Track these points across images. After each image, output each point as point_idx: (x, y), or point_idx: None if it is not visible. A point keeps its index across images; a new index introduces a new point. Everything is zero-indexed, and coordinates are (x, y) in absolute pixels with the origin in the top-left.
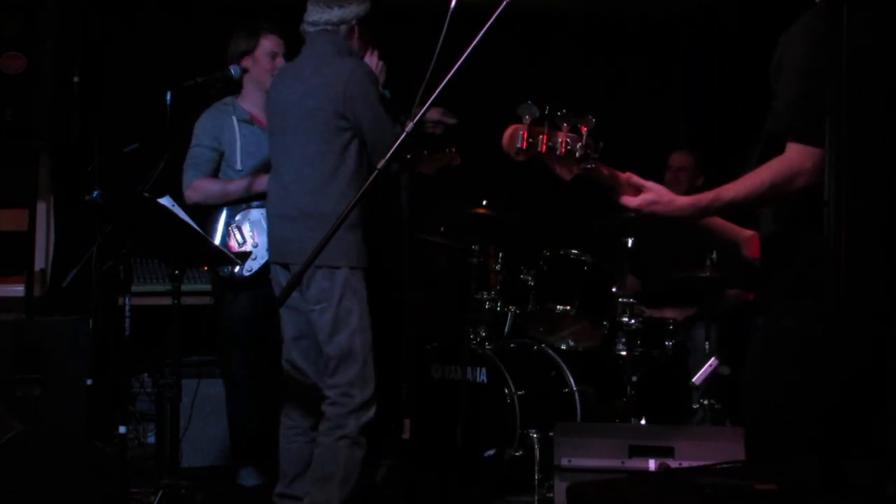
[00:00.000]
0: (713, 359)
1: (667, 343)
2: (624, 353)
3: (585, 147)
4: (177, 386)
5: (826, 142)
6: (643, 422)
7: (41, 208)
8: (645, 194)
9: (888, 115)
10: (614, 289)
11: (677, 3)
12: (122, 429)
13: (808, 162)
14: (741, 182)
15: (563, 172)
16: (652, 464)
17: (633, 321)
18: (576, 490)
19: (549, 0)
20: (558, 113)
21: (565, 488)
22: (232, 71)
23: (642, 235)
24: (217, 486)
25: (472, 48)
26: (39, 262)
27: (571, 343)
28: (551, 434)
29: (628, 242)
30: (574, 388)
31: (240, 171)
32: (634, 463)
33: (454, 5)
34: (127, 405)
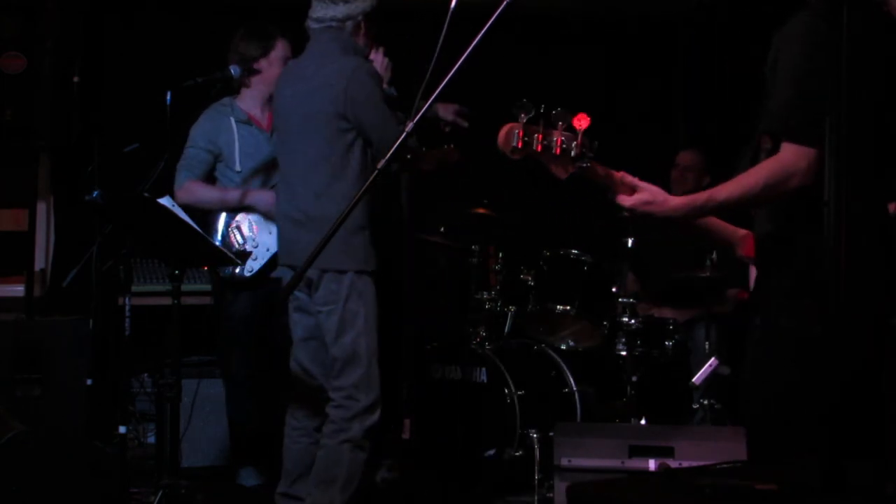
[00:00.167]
0: (713, 359)
1: (667, 343)
2: (624, 353)
3: (581, 146)
4: (177, 386)
5: (826, 142)
6: (643, 422)
7: (41, 208)
8: (639, 194)
9: (888, 115)
10: (614, 289)
11: (677, 3)
12: (122, 429)
13: (803, 162)
14: (735, 182)
15: (559, 171)
16: (652, 464)
17: (633, 321)
18: (576, 490)
19: (549, 0)
20: (553, 112)
21: (565, 488)
22: (232, 71)
23: (642, 235)
24: (217, 486)
25: (472, 48)
26: (39, 262)
27: (571, 343)
28: (551, 434)
29: (628, 242)
30: (574, 388)
31: (239, 172)
32: (634, 463)
33: (454, 5)
34: (127, 405)
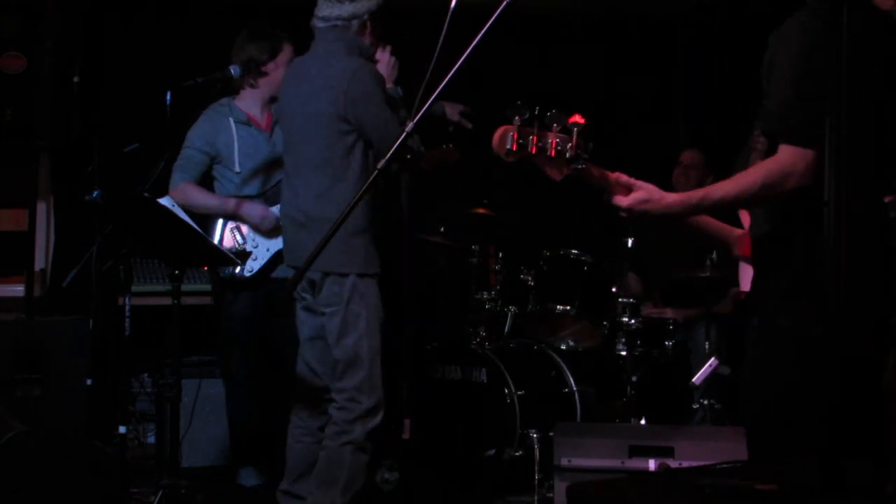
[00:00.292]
0: (713, 359)
1: (667, 343)
2: (624, 353)
3: (576, 148)
4: (177, 386)
5: (826, 142)
6: (643, 422)
7: (41, 208)
8: (636, 193)
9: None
10: (614, 289)
11: (677, 3)
12: (122, 429)
13: (801, 164)
14: (732, 181)
15: (554, 173)
16: (652, 464)
17: (633, 321)
18: (576, 490)
19: (549, 0)
20: (548, 113)
21: (565, 488)
22: (232, 71)
23: (642, 235)
24: (217, 486)
25: (472, 48)
26: (39, 262)
27: (571, 343)
28: (551, 434)
29: (628, 242)
30: (574, 388)
31: (238, 173)
32: (634, 463)
33: (454, 5)
34: (127, 405)
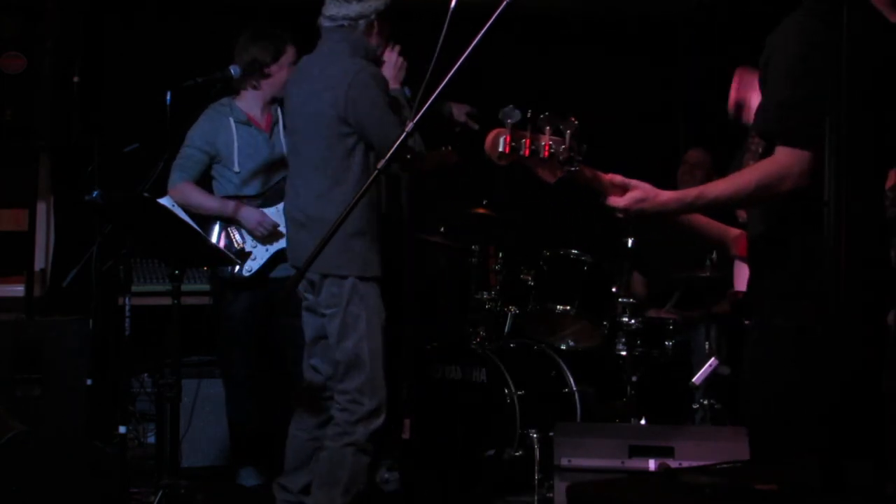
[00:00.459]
0: (713, 359)
1: (667, 343)
2: (624, 353)
3: (569, 150)
4: (177, 386)
5: (826, 142)
6: (643, 422)
7: (41, 208)
8: (632, 192)
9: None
10: (614, 289)
11: (677, 3)
12: (122, 429)
13: (798, 165)
14: (728, 180)
15: (547, 176)
16: (652, 464)
17: (633, 321)
18: (576, 490)
19: (549, 0)
20: (541, 116)
21: (565, 488)
22: (232, 71)
23: (642, 235)
24: (217, 486)
25: (472, 48)
26: (39, 262)
27: (571, 343)
28: (551, 434)
29: (628, 242)
30: (574, 388)
31: (238, 173)
32: (634, 463)
33: (454, 5)
34: (127, 405)
